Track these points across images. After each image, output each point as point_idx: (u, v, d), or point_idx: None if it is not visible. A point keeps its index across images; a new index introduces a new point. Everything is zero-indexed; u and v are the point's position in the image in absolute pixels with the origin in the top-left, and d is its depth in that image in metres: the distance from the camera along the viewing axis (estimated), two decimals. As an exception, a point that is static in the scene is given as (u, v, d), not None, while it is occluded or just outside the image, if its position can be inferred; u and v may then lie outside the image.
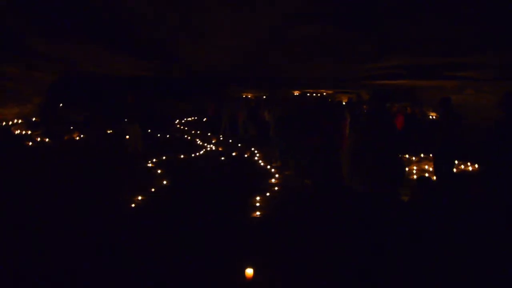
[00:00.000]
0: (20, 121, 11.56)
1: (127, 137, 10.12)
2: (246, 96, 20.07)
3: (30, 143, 10.12)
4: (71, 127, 12.33)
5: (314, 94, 18.92)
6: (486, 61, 8.22)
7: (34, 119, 12.19)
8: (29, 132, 11.09)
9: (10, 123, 11.19)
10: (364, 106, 11.77)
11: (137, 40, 8.54)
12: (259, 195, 6.32)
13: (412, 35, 7.11)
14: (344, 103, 12.77)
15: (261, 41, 8.16)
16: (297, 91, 19.11)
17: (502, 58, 7.94)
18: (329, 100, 15.72)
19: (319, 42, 7.91)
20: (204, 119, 17.98)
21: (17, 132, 10.89)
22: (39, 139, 10.69)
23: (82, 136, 11.84)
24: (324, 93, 18.71)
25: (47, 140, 10.71)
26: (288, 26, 6.99)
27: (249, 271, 3.52)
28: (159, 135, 13.31)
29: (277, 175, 7.97)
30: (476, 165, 8.95)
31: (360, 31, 7.12)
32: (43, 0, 6.26)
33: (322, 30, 7.10)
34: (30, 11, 6.67)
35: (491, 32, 6.60)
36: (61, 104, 13.55)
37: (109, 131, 12.97)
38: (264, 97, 19.22)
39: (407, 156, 9.90)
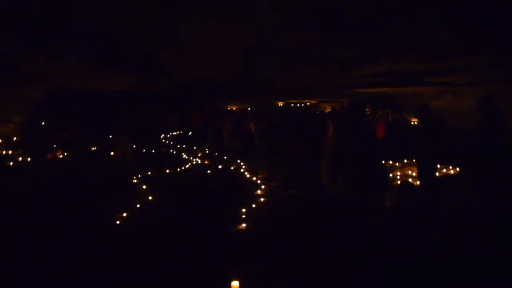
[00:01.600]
0: (0, 141, 11.34)
1: (115, 152, 10.01)
2: (231, 109, 20.13)
3: (11, 163, 9.93)
4: (54, 145, 12.14)
5: (298, 105, 19.10)
6: (465, 66, 8.45)
7: (15, 138, 11.97)
8: (10, 152, 10.89)
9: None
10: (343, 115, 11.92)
11: (122, 54, 8.56)
12: (245, 207, 6.31)
13: (393, 42, 7.28)
14: (326, 112, 12.93)
15: (246, 51, 8.26)
16: (281, 102, 19.26)
17: (480, 62, 8.17)
18: (312, 110, 15.91)
19: (303, 51, 8.04)
20: (189, 133, 17.95)
21: (-2, 152, 10.69)
22: (20, 158, 10.50)
23: (65, 154, 11.67)
24: (308, 103, 18.90)
25: (29, 159, 10.52)
26: (273, 36, 7.10)
27: (235, 284, 3.50)
28: (144, 150, 13.20)
29: (263, 186, 7.98)
30: (457, 168, 9.10)
31: (341, 39, 7.27)
32: (26, 18, 6.26)
33: (306, 39, 7.23)
34: (14, 29, 6.63)
35: (469, 36, 6.80)
36: (43, 123, 13.34)
37: (93, 148, 12.82)
38: (249, 108, 19.31)
39: (390, 162, 10.03)
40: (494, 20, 6.01)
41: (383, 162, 5.36)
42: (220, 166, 10.56)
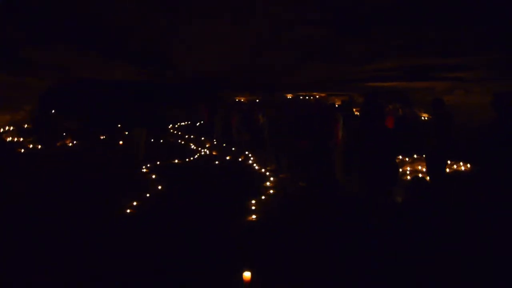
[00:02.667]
0: (11, 128, 11.45)
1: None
2: (239, 100, 20.07)
3: (22, 150, 10.03)
4: (64, 134, 12.23)
5: (307, 97, 18.99)
6: (476, 62, 8.34)
7: (26, 126, 12.09)
8: (21, 139, 10.99)
9: (1, 130, 11.09)
10: (354, 109, 11.83)
11: (131, 46, 8.56)
12: (254, 199, 6.33)
13: (404, 36, 7.20)
14: (336, 106, 12.86)
15: (254, 45, 8.21)
16: (290, 95, 19.17)
17: (491, 59, 8.06)
18: (323, 102, 15.82)
19: (312, 45, 7.97)
20: (198, 124, 17.98)
21: (9, 139, 10.79)
22: (31, 146, 10.60)
23: (75, 142, 11.76)
24: (317, 96, 18.79)
25: (39, 147, 10.62)
26: (281, 29, 7.05)
27: (247, 274, 3.52)
28: (152, 140, 13.27)
29: (272, 178, 7.99)
30: (468, 165, 9.04)
31: (352, 33, 7.20)
32: (35, 7, 6.26)
33: (314, 33, 7.17)
34: (22, 18, 6.65)
35: (481, 33, 6.71)
36: (53, 111, 13.44)
37: (102, 137, 12.89)
38: (257, 100, 19.25)
39: (400, 157, 9.97)
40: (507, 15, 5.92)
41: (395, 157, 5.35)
42: (228, 158, 10.58)
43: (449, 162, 7.92)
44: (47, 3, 6.14)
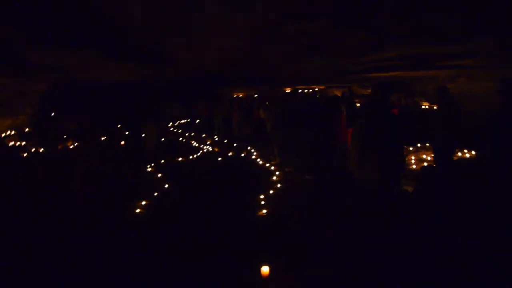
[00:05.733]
0: (13, 132, 11.38)
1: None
2: (238, 96, 20.02)
3: (25, 154, 9.97)
4: (65, 136, 12.17)
5: (306, 91, 18.95)
6: (479, 48, 8.30)
7: (27, 129, 12.02)
8: (23, 143, 10.93)
9: (3, 134, 11.03)
10: (356, 100, 11.81)
11: (129, 44, 8.50)
12: (262, 194, 6.31)
13: (405, 24, 7.17)
14: (339, 97, 12.82)
15: (254, 38, 8.16)
16: (289, 88, 19.12)
17: (493, 45, 8.02)
18: (324, 95, 15.82)
19: (313, 36, 7.93)
20: (197, 121, 17.93)
21: (11, 143, 10.72)
22: (33, 149, 10.54)
23: (76, 144, 11.70)
24: (316, 89, 18.74)
25: (41, 150, 10.56)
26: (282, 22, 7.01)
27: (265, 269, 3.51)
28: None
29: (277, 173, 7.96)
30: (473, 152, 9.04)
31: (353, 23, 7.16)
32: (34, 10, 6.21)
33: (316, 24, 7.13)
34: (21, 21, 6.59)
35: (482, 19, 6.67)
36: (53, 113, 13.38)
37: (103, 138, 12.83)
38: (256, 95, 19.19)
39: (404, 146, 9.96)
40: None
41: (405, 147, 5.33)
42: (230, 154, 10.56)
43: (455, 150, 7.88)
44: (45, 5, 6.09)
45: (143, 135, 11.17)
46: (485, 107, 7.37)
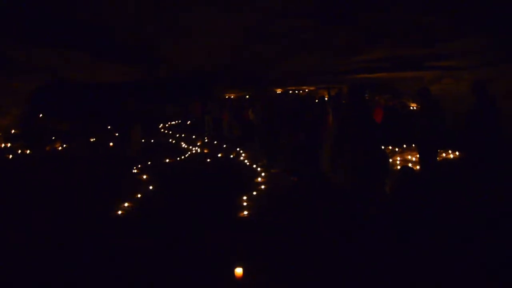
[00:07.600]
0: (-1, 134, 11.32)
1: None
2: (229, 97, 20.04)
3: (10, 156, 9.91)
4: (53, 137, 12.10)
5: (296, 92, 19.02)
6: (464, 49, 8.39)
7: (13, 131, 11.92)
8: (9, 144, 10.85)
9: (-12, 136, 10.95)
10: (343, 101, 11.89)
11: (120, 43, 8.49)
12: (245, 195, 6.32)
13: (391, 26, 7.23)
14: (326, 99, 12.89)
15: (243, 37, 8.19)
16: (280, 89, 19.18)
17: (479, 45, 8.11)
18: (312, 96, 15.86)
19: (300, 36, 7.97)
20: (188, 122, 17.91)
21: (-3, 145, 10.66)
22: (19, 151, 10.47)
23: (64, 146, 11.64)
24: (306, 90, 18.82)
25: (28, 152, 10.49)
26: (270, 21, 7.03)
27: (239, 270, 3.52)
28: (143, 140, 13.20)
29: (263, 174, 7.99)
30: (457, 153, 9.13)
31: (340, 24, 7.21)
32: (22, 8, 6.18)
33: (303, 25, 7.17)
34: (9, 19, 6.55)
35: (467, 19, 6.75)
36: (41, 115, 13.28)
37: (92, 140, 12.77)
38: (247, 96, 19.23)
39: (390, 147, 10.03)
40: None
41: (383, 147, 5.36)
42: (219, 155, 10.57)
43: (438, 150, 7.95)
44: (34, 4, 6.07)
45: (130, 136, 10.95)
46: (469, 107, 7.47)
